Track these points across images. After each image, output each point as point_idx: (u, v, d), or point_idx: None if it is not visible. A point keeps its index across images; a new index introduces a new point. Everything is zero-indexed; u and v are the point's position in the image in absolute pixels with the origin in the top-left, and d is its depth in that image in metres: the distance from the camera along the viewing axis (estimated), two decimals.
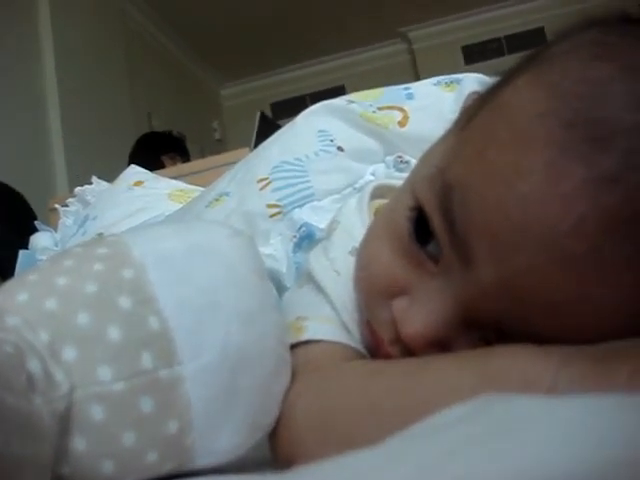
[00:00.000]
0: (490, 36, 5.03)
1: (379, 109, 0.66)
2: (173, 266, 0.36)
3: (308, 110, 0.68)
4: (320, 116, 0.67)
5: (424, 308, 0.38)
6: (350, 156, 0.63)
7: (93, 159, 2.97)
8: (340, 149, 0.63)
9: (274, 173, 0.62)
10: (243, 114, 4.70)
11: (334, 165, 0.62)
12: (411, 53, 5.27)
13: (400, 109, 0.66)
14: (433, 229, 0.37)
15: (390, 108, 0.66)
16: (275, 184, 0.61)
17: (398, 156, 0.62)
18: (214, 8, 4.29)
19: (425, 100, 0.68)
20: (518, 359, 0.33)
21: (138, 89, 3.83)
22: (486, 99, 0.39)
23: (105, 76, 3.44)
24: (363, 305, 0.44)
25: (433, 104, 0.66)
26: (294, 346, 0.43)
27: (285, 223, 0.59)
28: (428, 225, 0.37)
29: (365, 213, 0.52)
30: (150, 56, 4.27)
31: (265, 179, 0.62)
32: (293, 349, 0.43)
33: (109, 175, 1.14)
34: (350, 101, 0.67)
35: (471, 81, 0.67)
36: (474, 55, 5.02)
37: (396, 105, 0.67)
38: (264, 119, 2.46)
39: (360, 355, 0.44)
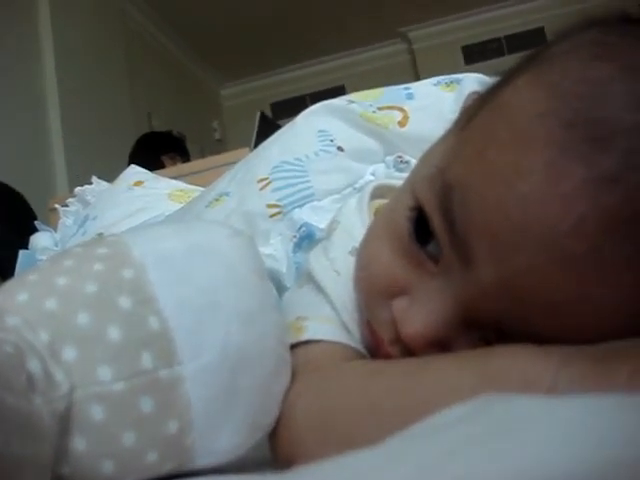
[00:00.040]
0: (490, 36, 5.03)
1: (379, 109, 0.66)
2: (173, 266, 0.36)
3: (308, 110, 0.68)
4: (320, 116, 0.67)
5: (424, 308, 0.38)
6: (350, 156, 0.63)
7: (93, 159, 2.97)
8: (340, 149, 0.63)
9: (274, 173, 0.62)
10: (243, 114, 4.70)
11: (334, 165, 0.62)
12: (411, 53, 5.27)
13: (400, 109, 0.66)
14: (433, 229, 0.37)
15: (390, 108, 0.66)
16: (275, 184, 0.61)
17: (398, 156, 0.62)
18: (214, 8, 4.29)
19: (425, 100, 0.67)
20: (518, 359, 0.33)
21: (138, 89, 3.83)
22: (486, 99, 0.39)
23: (105, 76, 3.44)
24: (363, 305, 0.44)
25: (433, 104, 0.66)
26: (294, 346, 0.43)
27: (285, 223, 0.59)
28: (428, 225, 0.37)
29: (365, 213, 0.52)
30: (150, 56, 4.27)
31: (265, 179, 0.62)
32: (293, 349, 0.42)
33: (109, 175, 1.14)
34: (350, 101, 0.67)
35: (471, 81, 0.67)
36: (474, 55, 5.02)
37: (396, 105, 0.66)
38: (264, 119, 2.46)
39: (360, 355, 0.44)
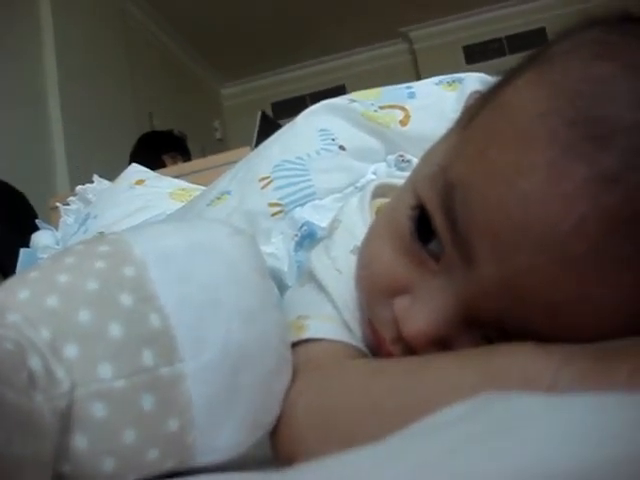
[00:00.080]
0: (491, 36, 5.02)
1: (380, 108, 0.66)
2: (174, 264, 0.36)
3: (309, 109, 0.68)
4: (321, 115, 0.67)
5: (426, 307, 0.38)
6: (352, 155, 0.63)
7: (94, 158, 2.97)
8: (342, 148, 0.63)
9: (275, 172, 0.62)
10: (244, 114, 4.70)
11: (335, 164, 0.62)
12: (412, 53, 5.26)
13: (402, 108, 0.66)
14: (435, 228, 0.37)
15: (392, 107, 0.66)
16: (276, 183, 0.61)
17: (399, 155, 0.62)
18: (215, 8, 4.29)
19: (427, 99, 0.67)
20: (519, 357, 0.33)
21: (139, 88, 3.83)
22: (488, 98, 0.39)
23: (106, 76, 3.44)
24: (364, 304, 0.44)
25: (435, 103, 0.66)
26: (295, 345, 0.43)
27: (286, 222, 0.59)
28: (430, 224, 0.37)
29: (367, 212, 0.52)
30: (151, 56, 4.27)
31: (266, 178, 0.62)
32: (294, 348, 0.42)
33: (110, 174, 1.14)
34: (351, 100, 0.67)
35: (473, 80, 0.67)
36: (475, 55, 5.02)
37: (398, 104, 0.66)
38: (265, 118, 2.46)
39: (361, 354, 0.44)
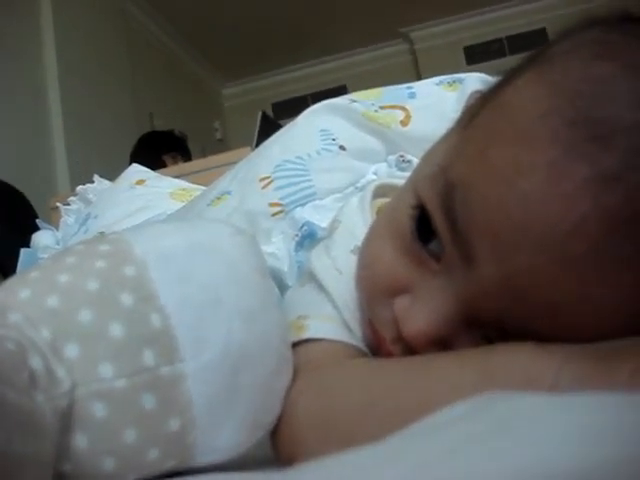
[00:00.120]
0: (492, 37, 5.03)
1: (381, 108, 0.66)
2: (175, 264, 0.36)
3: (310, 109, 0.68)
4: (322, 115, 0.67)
5: (426, 307, 0.38)
6: (352, 155, 0.63)
7: (95, 158, 2.97)
8: (342, 148, 0.63)
9: (276, 172, 0.62)
10: (244, 114, 4.71)
11: (336, 164, 0.62)
12: (413, 53, 5.26)
13: (402, 108, 0.66)
14: (435, 227, 0.37)
15: (392, 107, 0.66)
16: (277, 183, 0.61)
17: (400, 155, 0.62)
18: (216, 8, 4.29)
19: (427, 99, 0.67)
20: (520, 357, 0.33)
21: (140, 89, 3.83)
22: (488, 98, 0.39)
23: (107, 76, 3.44)
24: (365, 304, 0.44)
25: (435, 103, 0.66)
26: (295, 345, 0.43)
27: (287, 222, 0.58)
28: (430, 224, 0.37)
29: (367, 212, 0.52)
30: (152, 56, 4.27)
31: (267, 178, 0.62)
32: (294, 348, 0.42)
33: (111, 174, 1.14)
34: (352, 100, 0.67)
35: (473, 80, 0.67)
36: (476, 55, 5.02)
37: (398, 104, 0.66)
38: (266, 119, 2.46)
39: (362, 354, 0.44)
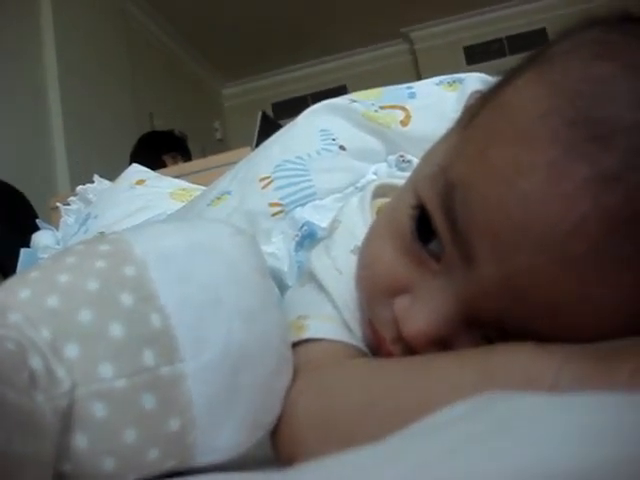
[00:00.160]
0: (492, 37, 5.03)
1: (381, 108, 0.66)
2: (175, 264, 0.36)
3: (310, 109, 0.68)
4: (322, 115, 0.67)
5: (426, 307, 0.38)
6: (352, 155, 0.63)
7: (95, 158, 2.97)
8: (342, 148, 0.63)
9: (276, 172, 0.62)
10: (244, 114, 4.71)
11: (336, 164, 0.62)
12: (413, 53, 5.26)
13: (402, 108, 0.66)
14: (435, 227, 0.37)
15: (392, 107, 0.66)
16: (277, 183, 0.61)
17: (400, 155, 0.62)
18: (216, 8, 4.29)
19: (427, 99, 0.67)
20: (520, 357, 0.33)
21: (140, 88, 3.83)
22: (488, 98, 0.38)
23: (107, 75, 3.44)
24: (365, 304, 0.44)
25: (435, 103, 0.66)
26: (295, 345, 0.43)
27: (287, 222, 0.58)
28: (430, 224, 0.37)
29: (367, 212, 0.52)
30: (152, 56, 4.27)
31: (267, 178, 0.62)
32: (294, 348, 0.42)
33: (111, 174, 1.14)
34: (352, 100, 0.67)
35: (473, 80, 0.67)
36: (476, 55, 5.02)
37: (398, 104, 0.66)
38: (266, 119, 2.46)
39: (361, 353, 0.44)
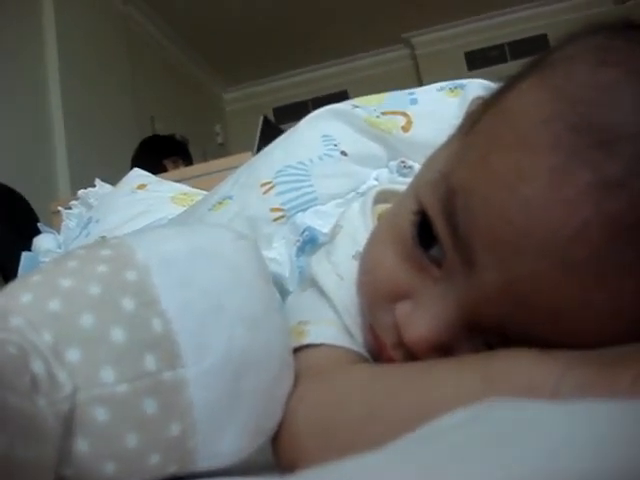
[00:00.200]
0: (493, 42, 5.04)
1: (383, 114, 0.66)
2: (176, 269, 0.36)
3: (312, 114, 0.68)
4: (324, 120, 0.67)
5: (427, 313, 0.37)
6: (354, 160, 0.63)
7: (96, 162, 2.98)
8: (344, 153, 0.63)
9: (277, 177, 0.62)
10: (246, 118, 4.72)
11: (337, 169, 0.62)
12: (414, 59, 5.27)
13: (404, 114, 0.66)
14: (436, 233, 0.37)
15: (394, 113, 0.66)
16: (278, 188, 0.61)
17: (401, 161, 0.62)
18: (217, 12, 4.30)
19: (429, 105, 0.67)
20: (521, 363, 0.33)
21: (141, 93, 3.84)
22: (490, 104, 0.39)
23: (108, 80, 3.45)
24: (366, 309, 0.44)
25: (437, 109, 0.66)
26: (296, 350, 0.43)
27: (288, 227, 0.58)
28: (431, 229, 0.37)
29: (368, 217, 0.52)
30: (153, 60, 4.28)
31: (268, 183, 0.62)
32: (295, 353, 0.42)
33: (112, 178, 1.13)
34: (354, 106, 0.67)
35: (475, 86, 0.67)
36: (477, 61, 5.03)
37: (400, 110, 0.66)
38: (267, 123, 2.47)
39: (362, 359, 0.44)
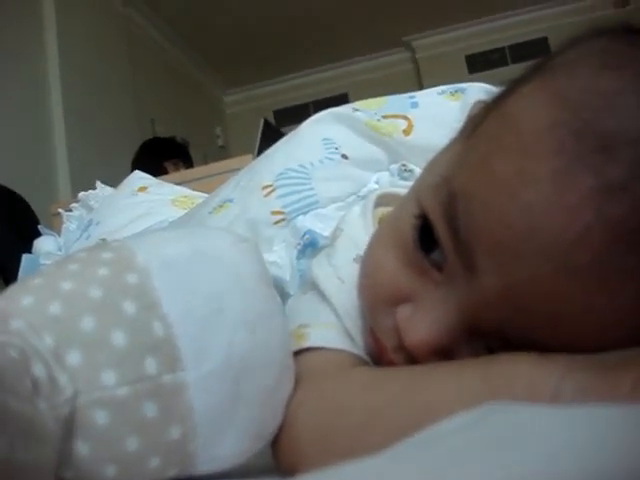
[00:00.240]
0: (494, 46, 5.05)
1: (384, 117, 0.66)
2: (177, 272, 0.36)
3: (313, 117, 0.68)
4: (325, 124, 0.67)
5: (428, 316, 0.37)
6: (355, 164, 0.63)
7: (96, 164, 2.98)
8: (344, 157, 0.63)
9: (278, 180, 0.62)
10: (246, 121, 4.72)
11: (338, 173, 0.62)
12: (414, 62, 5.28)
13: (405, 118, 0.66)
14: (437, 237, 0.37)
15: (395, 117, 0.66)
16: (279, 191, 0.61)
17: (402, 164, 0.62)
18: (218, 15, 4.31)
19: (430, 109, 0.67)
20: (522, 367, 0.33)
21: (142, 95, 3.84)
22: (492, 108, 0.38)
23: (109, 82, 3.46)
24: (367, 312, 0.44)
25: (438, 113, 0.66)
26: (296, 354, 0.43)
27: (289, 230, 0.58)
28: (433, 233, 0.37)
29: (369, 221, 0.52)
30: (154, 62, 4.29)
31: (269, 186, 0.62)
32: (295, 357, 0.42)
33: (113, 181, 1.14)
34: (355, 109, 0.67)
35: (476, 90, 0.67)
36: (478, 64, 5.04)
37: (400, 114, 0.66)
38: (268, 126, 2.47)
39: (363, 362, 0.44)
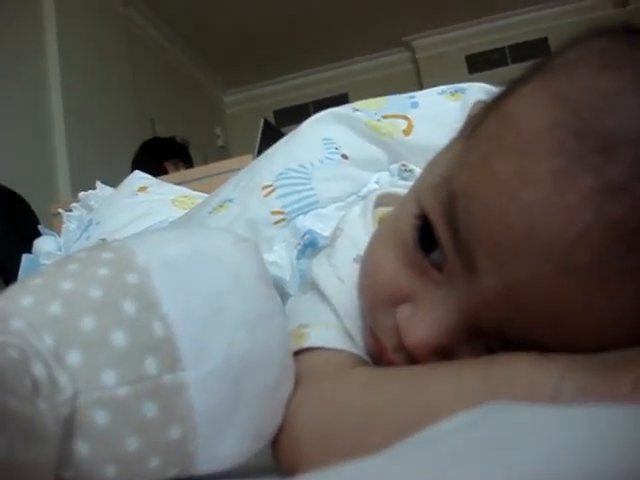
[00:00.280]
0: (494, 46, 5.05)
1: (384, 117, 0.66)
2: (177, 272, 0.36)
3: (313, 117, 0.68)
4: (325, 124, 0.67)
5: (428, 316, 0.37)
6: (355, 164, 0.63)
7: (96, 164, 2.98)
8: (344, 157, 0.63)
9: (278, 180, 0.62)
10: (246, 121, 4.73)
11: (338, 173, 0.62)
12: (414, 62, 5.28)
13: (405, 118, 0.66)
14: (437, 237, 0.37)
15: (395, 117, 0.66)
16: (279, 191, 0.61)
17: (402, 164, 0.62)
18: (218, 14, 4.31)
19: (430, 109, 0.67)
20: (522, 367, 0.33)
21: (142, 95, 3.84)
22: (492, 108, 0.38)
23: (109, 82, 3.46)
24: (367, 312, 0.44)
25: (438, 113, 0.66)
26: (296, 353, 0.43)
27: (289, 230, 0.58)
28: (433, 233, 0.37)
29: (369, 221, 0.52)
30: (154, 62, 4.29)
31: (269, 186, 0.62)
32: (295, 357, 0.42)
33: (113, 180, 1.14)
34: (355, 109, 0.67)
35: (476, 90, 0.67)
36: (478, 64, 5.04)
37: (400, 114, 0.66)
38: (268, 126, 2.47)
39: (362, 362, 0.44)
